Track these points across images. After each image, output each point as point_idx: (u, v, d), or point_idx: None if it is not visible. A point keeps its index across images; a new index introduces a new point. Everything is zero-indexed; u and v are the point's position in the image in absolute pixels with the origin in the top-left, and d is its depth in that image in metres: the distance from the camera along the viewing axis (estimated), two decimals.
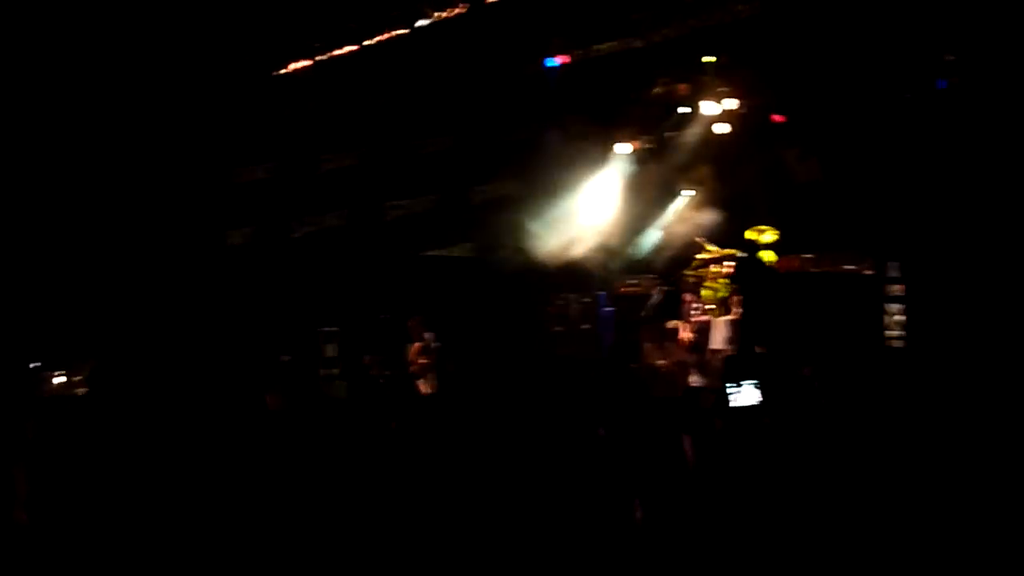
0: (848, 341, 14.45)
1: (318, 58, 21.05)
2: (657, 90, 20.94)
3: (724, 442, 8.72)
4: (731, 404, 13.43)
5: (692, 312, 18.24)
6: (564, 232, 21.00)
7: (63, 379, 18.27)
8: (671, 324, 18.63)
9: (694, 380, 17.52)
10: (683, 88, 20.73)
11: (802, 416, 11.03)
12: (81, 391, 17.94)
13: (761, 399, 13.19)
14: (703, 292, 18.61)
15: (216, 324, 19.26)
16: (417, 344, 19.68)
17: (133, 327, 18.98)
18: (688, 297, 18.42)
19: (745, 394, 13.65)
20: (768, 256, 17.32)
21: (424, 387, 18.98)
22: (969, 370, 12.03)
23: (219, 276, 20.43)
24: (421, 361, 19.57)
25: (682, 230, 20.28)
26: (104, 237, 19.52)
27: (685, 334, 18.12)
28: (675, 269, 19.68)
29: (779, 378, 13.53)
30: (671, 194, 21.05)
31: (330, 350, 20.39)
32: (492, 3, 19.14)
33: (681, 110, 20.97)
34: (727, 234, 19.18)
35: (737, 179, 19.84)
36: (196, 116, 20.20)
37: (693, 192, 20.71)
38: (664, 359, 18.36)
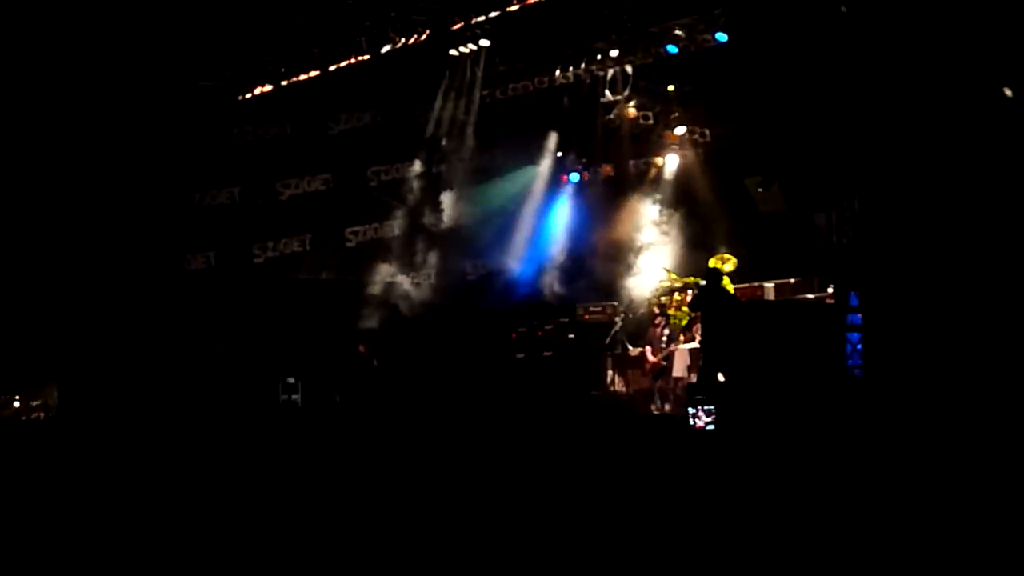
0: (809, 369, 14.55)
1: (282, 83, 21.18)
2: (622, 117, 21.17)
3: (683, 466, 8.79)
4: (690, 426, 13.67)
5: (660, 337, 18.42)
6: (528, 259, 21.24)
7: (18, 403, 18.55)
8: (635, 351, 18.96)
9: (655, 407, 17.82)
10: (648, 115, 20.97)
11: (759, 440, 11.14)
12: (40, 415, 17.93)
13: (716, 424, 13.38)
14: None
15: (176, 347, 19.22)
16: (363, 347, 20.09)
17: (92, 352, 18.89)
18: (659, 321, 18.58)
19: (702, 418, 13.92)
20: (729, 284, 17.49)
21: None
22: (928, 399, 12.19)
23: (179, 299, 20.35)
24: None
25: (645, 257, 20.48)
26: (61, 259, 19.46)
27: (654, 359, 18.31)
28: (638, 296, 19.94)
29: (738, 405, 13.66)
30: (634, 221, 21.22)
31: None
32: (456, 30, 19.29)
33: (645, 137, 21.23)
34: (689, 262, 19.36)
35: (700, 207, 20.03)
36: (157, 140, 20.18)
37: (656, 219, 20.90)
38: (626, 387, 18.71)
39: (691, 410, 14.18)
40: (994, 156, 13.21)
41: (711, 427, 13.68)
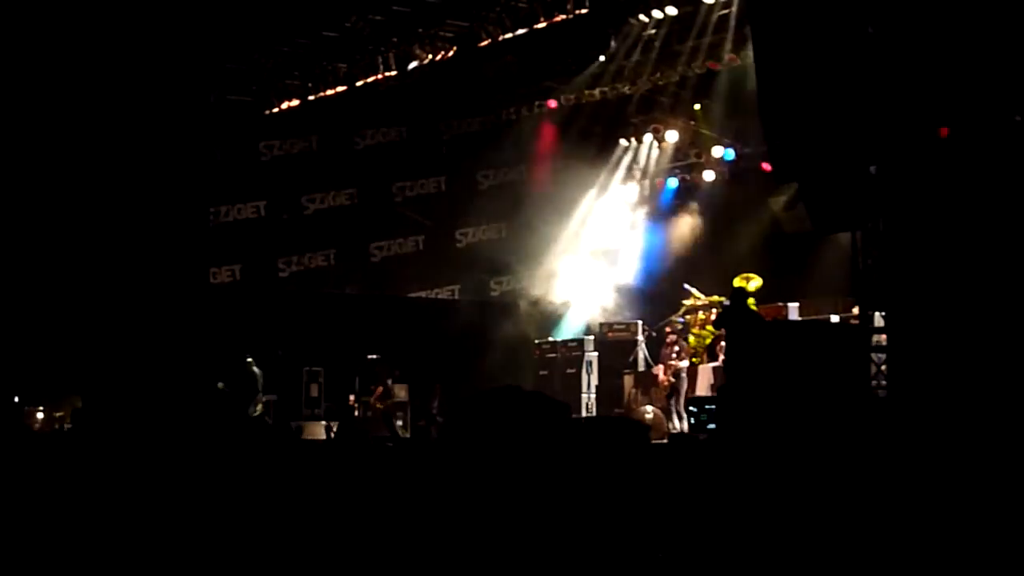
0: (833, 390, 14.44)
1: (308, 98, 21.23)
2: (645, 134, 21.23)
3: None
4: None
5: (672, 356, 18.33)
6: (551, 275, 21.25)
7: (42, 414, 18.64)
8: (656, 369, 18.80)
9: (671, 426, 17.65)
10: (674, 133, 21.01)
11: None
12: (65, 426, 17.92)
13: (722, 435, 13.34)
14: (690, 339, 18.82)
15: (199, 360, 19.04)
16: (379, 388, 19.91)
17: (116, 364, 18.90)
18: (670, 339, 18.47)
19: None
20: (753, 304, 17.06)
21: (401, 431, 19.18)
22: (953, 420, 11.96)
23: (203, 313, 20.07)
24: (379, 406, 19.81)
25: (669, 276, 20.46)
26: (87, 271, 19.25)
27: (664, 377, 18.23)
28: (662, 315, 19.80)
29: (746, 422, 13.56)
30: (659, 238, 21.30)
31: (314, 390, 20.42)
32: (483, 47, 19.33)
33: (671, 155, 21.26)
34: (714, 281, 19.27)
35: (725, 226, 20.02)
36: (183, 153, 19.87)
37: (681, 237, 20.92)
38: (648, 405, 18.48)
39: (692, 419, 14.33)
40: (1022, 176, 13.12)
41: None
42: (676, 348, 18.36)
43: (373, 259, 22.33)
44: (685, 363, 18.18)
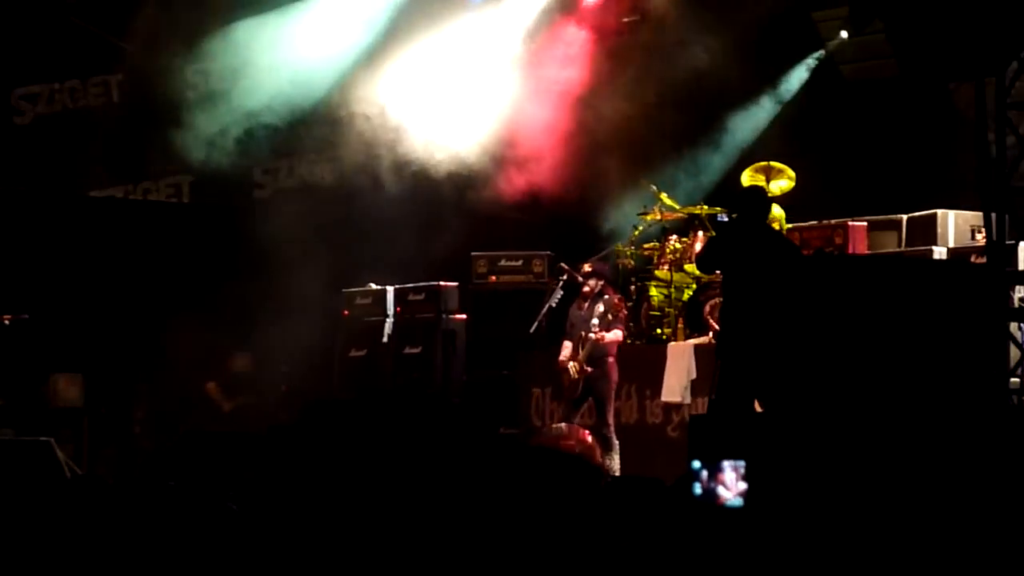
0: (946, 385, 12.73)
1: None
2: None
3: None
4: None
5: (593, 322, 17.03)
6: (382, 139, 20.26)
7: None
8: (563, 348, 17.83)
9: (607, 461, 16.99)
10: None
11: None
12: None
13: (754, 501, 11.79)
14: (651, 291, 18.33)
15: None
16: (212, 385, 20.13)
17: None
18: (589, 287, 17.24)
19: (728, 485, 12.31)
20: (781, 219, 17.06)
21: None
22: None
23: None
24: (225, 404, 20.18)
25: (607, 159, 19.73)
26: None
27: (573, 364, 17.18)
28: (599, 240, 19.43)
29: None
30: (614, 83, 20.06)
31: None
32: None
33: None
34: (699, 178, 19.38)
35: (724, 68, 19.14)
36: None
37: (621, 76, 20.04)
38: (563, 421, 17.52)
39: (697, 466, 12.54)
40: None
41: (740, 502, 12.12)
42: (599, 305, 16.77)
43: (19, 120, 20.72)
44: (616, 335, 17.13)
